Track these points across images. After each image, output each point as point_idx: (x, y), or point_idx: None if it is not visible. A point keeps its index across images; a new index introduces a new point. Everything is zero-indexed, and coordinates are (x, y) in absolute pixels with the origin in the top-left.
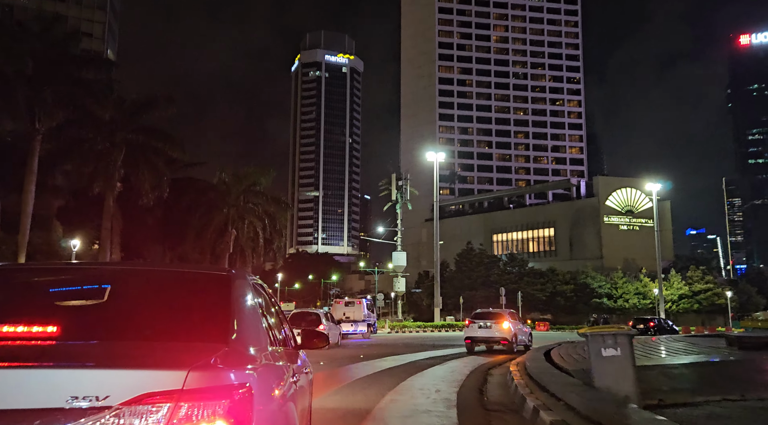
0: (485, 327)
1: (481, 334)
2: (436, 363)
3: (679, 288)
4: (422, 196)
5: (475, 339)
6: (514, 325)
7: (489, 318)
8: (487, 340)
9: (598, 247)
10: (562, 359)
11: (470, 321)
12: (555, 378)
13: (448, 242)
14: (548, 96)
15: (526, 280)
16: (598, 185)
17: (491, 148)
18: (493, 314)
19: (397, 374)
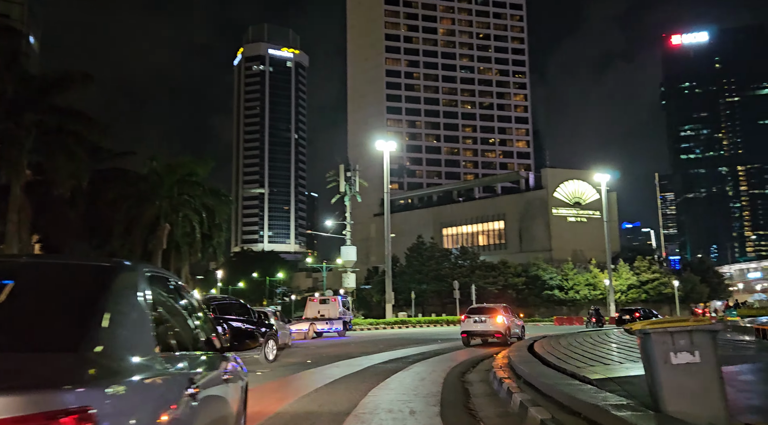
0: (480, 322)
1: (477, 328)
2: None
3: (627, 278)
4: (370, 191)
5: (471, 332)
6: (507, 319)
7: (484, 313)
8: (483, 334)
9: (547, 239)
10: (555, 357)
11: (466, 316)
12: (577, 391)
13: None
14: (495, 90)
15: (477, 273)
16: (546, 177)
17: (440, 141)
18: (488, 309)
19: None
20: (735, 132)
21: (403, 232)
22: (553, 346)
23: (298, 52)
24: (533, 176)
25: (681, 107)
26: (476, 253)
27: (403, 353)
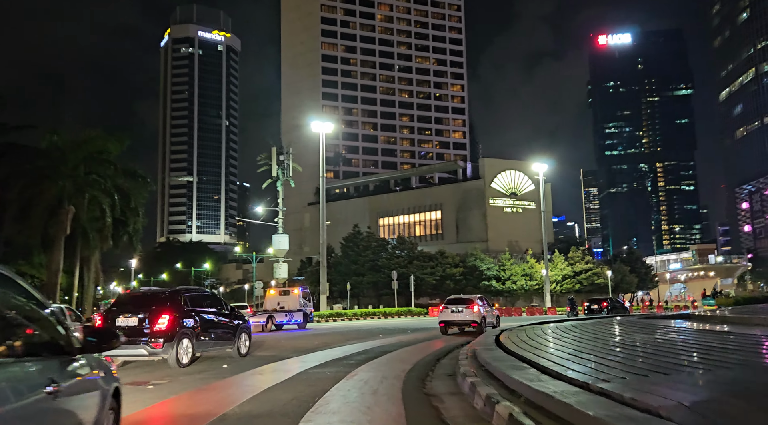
0: (457, 312)
1: (454, 318)
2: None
3: (562, 269)
4: (305, 180)
5: (448, 322)
6: (482, 309)
7: (461, 304)
8: (460, 323)
9: (483, 230)
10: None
11: (444, 306)
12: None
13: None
14: (433, 79)
15: (415, 263)
16: (484, 167)
17: (376, 130)
18: (464, 300)
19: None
20: (655, 130)
21: (338, 222)
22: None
23: (229, 35)
24: (471, 166)
25: (606, 105)
26: (414, 243)
27: (366, 345)
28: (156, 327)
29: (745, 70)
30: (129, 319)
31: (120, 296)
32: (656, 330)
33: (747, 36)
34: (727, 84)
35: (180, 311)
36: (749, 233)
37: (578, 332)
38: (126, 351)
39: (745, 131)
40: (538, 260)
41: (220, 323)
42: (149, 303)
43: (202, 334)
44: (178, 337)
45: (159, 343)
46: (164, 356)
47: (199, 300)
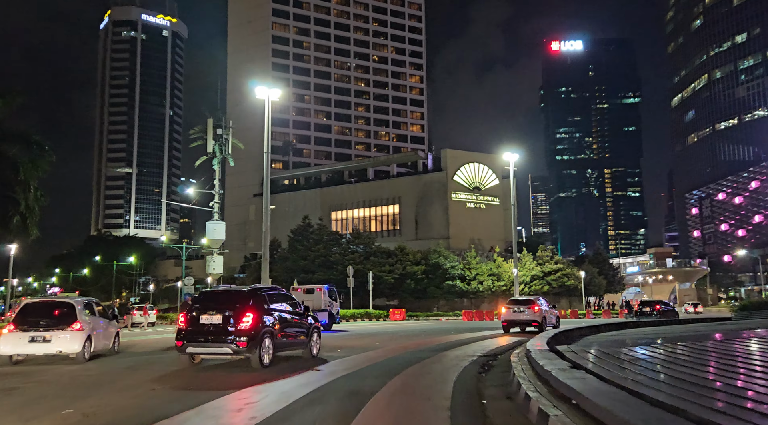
0: (519, 312)
1: (517, 317)
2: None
3: (531, 269)
4: (249, 170)
5: (511, 321)
6: (544, 309)
7: (523, 304)
8: (522, 322)
9: (445, 226)
10: None
11: (506, 306)
12: None
13: (281, 220)
14: (390, 68)
15: (372, 260)
16: (446, 159)
17: (330, 120)
18: (527, 301)
19: None
20: (603, 137)
21: (286, 215)
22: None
23: (175, 20)
24: (432, 158)
25: (557, 111)
26: (371, 237)
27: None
28: (241, 325)
29: (698, 77)
30: (213, 317)
31: (201, 294)
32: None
33: (700, 43)
34: (680, 90)
35: (262, 309)
36: (698, 239)
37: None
38: (212, 349)
39: (696, 137)
40: (505, 259)
41: (296, 322)
42: (232, 301)
43: (280, 334)
44: (261, 336)
45: (244, 342)
46: (248, 355)
47: (277, 299)
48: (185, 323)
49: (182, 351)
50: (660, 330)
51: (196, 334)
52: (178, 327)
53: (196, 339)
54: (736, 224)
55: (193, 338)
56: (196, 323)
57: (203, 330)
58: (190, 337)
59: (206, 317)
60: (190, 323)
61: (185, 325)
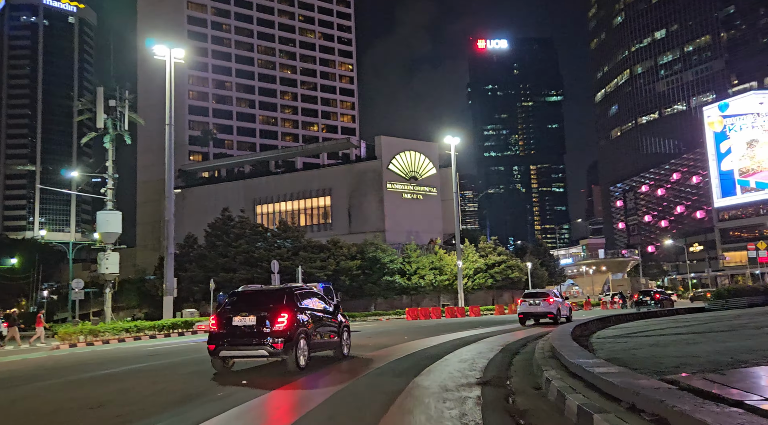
0: (535, 304)
1: (532, 310)
2: None
3: (474, 261)
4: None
5: (527, 313)
6: (557, 301)
7: (538, 297)
8: (537, 314)
9: (380, 218)
10: None
11: (522, 299)
12: None
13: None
14: (319, 55)
15: (302, 255)
16: (380, 146)
17: (254, 108)
18: (541, 294)
19: None
20: (529, 134)
21: (206, 209)
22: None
23: (83, 6)
24: (365, 146)
25: (484, 108)
26: (301, 231)
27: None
28: (276, 326)
29: (620, 72)
30: (246, 318)
31: (233, 294)
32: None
33: (622, 39)
34: (603, 85)
35: (296, 309)
36: (623, 230)
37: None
38: (247, 352)
39: (620, 131)
40: (447, 252)
41: (328, 321)
42: (265, 301)
43: (314, 334)
44: (297, 337)
45: (280, 343)
46: (284, 357)
47: (308, 296)
48: (217, 325)
49: (215, 354)
50: (660, 321)
51: (229, 337)
52: (209, 330)
53: (229, 342)
54: (659, 215)
55: (227, 341)
56: (228, 325)
57: (236, 332)
58: (224, 340)
59: (239, 319)
60: (222, 325)
61: (217, 328)
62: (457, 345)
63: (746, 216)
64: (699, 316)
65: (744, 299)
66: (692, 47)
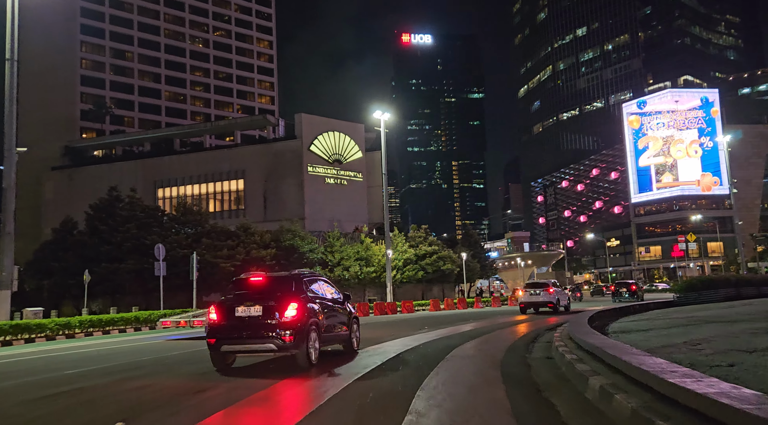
0: (536, 294)
1: (533, 300)
2: None
3: (404, 251)
4: (46, 139)
5: (528, 303)
6: (557, 291)
7: (538, 287)
8: (538, 304)
9: (300, 204)
10: None
11: (523, 290)
12: None
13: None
14: (234, 29)
15: (206, 243)
16: (301, 124)
17: (159, 83)
18: (541, 284)
19: None
20: (451, 130)
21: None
22: None
23: None
24: (284, 124)
25: (408, 103)
26: (205, 215)
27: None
28: (285, 317)
29: (543, 68)
30: (251, 309)
31: (235, 282)
32: None
33: (545, 35)
34: (526, 81)
35: (306, 297)
36: (543, 225)
37: None
38: (252, 346)
39: (542, 127)
40: (374, 241)
41: (338, 311)
42: (272, 289)
43: (325, 326)
44: (308, 329)
45: (290, 336)
46: (294, 351)
47: (316, 283)
48: (218, 316)
49: (216, 349)
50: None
51: (231, 329)
52: (209, 322)
53: (232, 335)
54: (578, 211)
55: (229, 334)
56: (231, 316)
57: (240, 324)
58: (225, 333)
59: (243, 309)
60: (224, 316)
61: (218, 319)
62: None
63: (661, 211)
64: (684, 311)
65: (719, 291)
66: (612, 46)
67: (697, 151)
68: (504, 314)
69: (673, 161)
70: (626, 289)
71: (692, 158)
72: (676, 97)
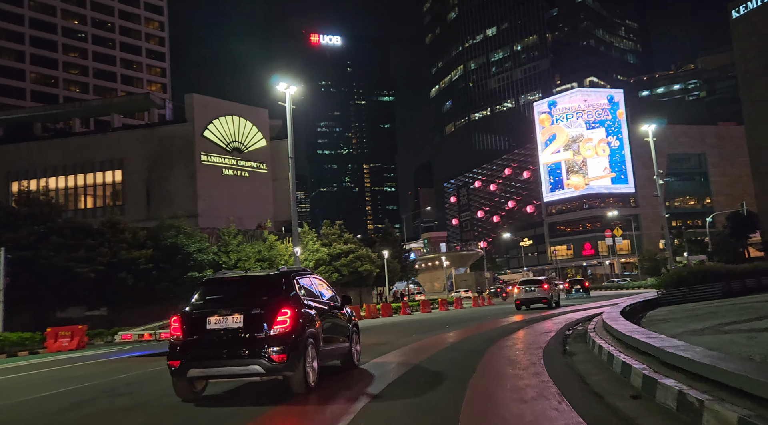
0: (531, 291)
1: (528, 296)
2: None
3: (316, 250)
4: None
5: (523, 300)
6: (550, 288)
7: (533, 284)
8: (532, 300)
9: (192, 199)
10: None
11: (518, 287)
12: None
13: None
14: (118, 6)
15: (56, 241)
16: (193, 106)
17: (23, 62)
18: (536, 281)
19: None
20: (362, 133)
21: None
22: None
23: None
24: (172, 107)
25: (318, 104)
26: (58, 207)
27: None
28: (274, 328)
29: (455, 68)
30: (229, 318)
31: (206, 284)
32: None
33: (456, 34)
34: (437, 81)
35: (301, 301)
36: (457, 226)
37: None
38: (231, 370)
39: (453, 127)
40: (280, 239)
41: (338, 317)
42: (256, 292)
43: (323, 337)
44: (304, 344)
45: (282, 354)
46: (288, 373)
47: (309, 282)
48: (182, 330)
49: (180, 375)
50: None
51: (202, 347)
52: (171, 339)
53: (203, 355)
54: (491, 211)
55: (200, 354)
56: (201, 329)
57: (214, 339)
58: (194, 353)
59: (217, 320)
60: (191, 330)
61: (183, 334)
62: None
63: (571, 210)
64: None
65: (716, 285)
66: (521, 46)
67: (605, 150)
68: (458, 322)
69: (582, 160)
70: (580, 286)
71: (601, 157)
72: (585, 97)
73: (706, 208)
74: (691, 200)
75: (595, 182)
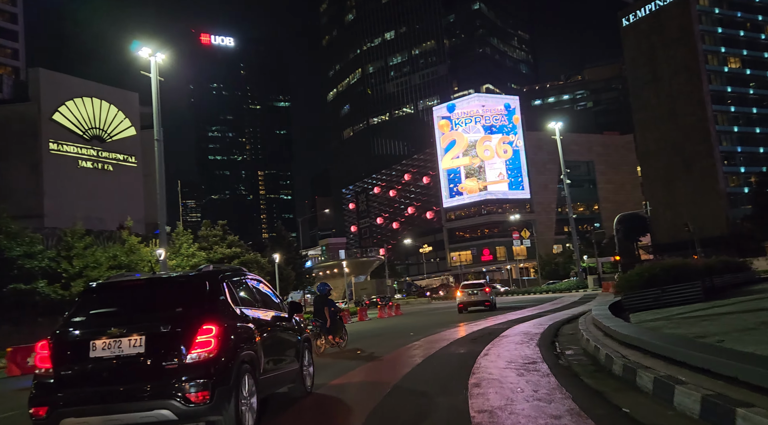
0: (474, 294)
1: (471, 299)
2: None
3: (192, 255)
4: None
5: (466, 303)
6: (491, 291)
7: (476, 287)
8: (475, 303)
9: (36, 196)
10: None
11: (461, 290)
12: None
13: None
14: None
15: None
16: (39, 83)
17: None
18: (479, 284)
19: None
20: (256, 138)
21: None
22: None
23: None
24: (12, 84)
25: (209, 108)
26: None
27: None
28: (192, 354)
29: (353, 71)
30: (124, 341)
31: (91, 292)
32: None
33: (354, 37)
34: (335, 84)
35: (232, 316)
36: (356, 234)
37: None
38: (127, 417)
39: (352, 132)
40: (145, 242)
41: (285, 333)
42: (167, 303)
43: (264, 361)
44: (238, 373)
45: (203, 391)
46: (214, 417)
47: (246, 286)
48: (52, 361)
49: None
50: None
51: (83, 385)
52: (36, 374)
53: (84, 398)
54: (391, 217)
55: (78, 395)
56: (81, 358)
57: (101, 373)
58: (70, 394)
59: (106, 344)
60: (67, 360)
61: (53, 366)
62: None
63: (470, 216)
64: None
65: (696, 284)
66: (419, 51)
67: (506, 150)
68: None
69: (480, 164)
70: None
71: (497, 163)
72: (483, 102)
73: (594, 214)
74: (581, 206)
75: (492, 186)
